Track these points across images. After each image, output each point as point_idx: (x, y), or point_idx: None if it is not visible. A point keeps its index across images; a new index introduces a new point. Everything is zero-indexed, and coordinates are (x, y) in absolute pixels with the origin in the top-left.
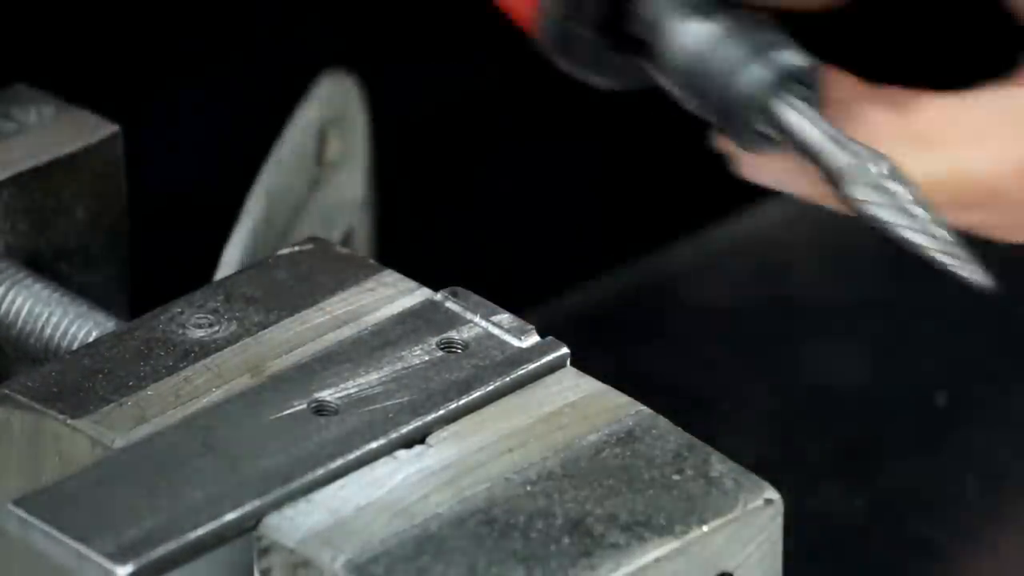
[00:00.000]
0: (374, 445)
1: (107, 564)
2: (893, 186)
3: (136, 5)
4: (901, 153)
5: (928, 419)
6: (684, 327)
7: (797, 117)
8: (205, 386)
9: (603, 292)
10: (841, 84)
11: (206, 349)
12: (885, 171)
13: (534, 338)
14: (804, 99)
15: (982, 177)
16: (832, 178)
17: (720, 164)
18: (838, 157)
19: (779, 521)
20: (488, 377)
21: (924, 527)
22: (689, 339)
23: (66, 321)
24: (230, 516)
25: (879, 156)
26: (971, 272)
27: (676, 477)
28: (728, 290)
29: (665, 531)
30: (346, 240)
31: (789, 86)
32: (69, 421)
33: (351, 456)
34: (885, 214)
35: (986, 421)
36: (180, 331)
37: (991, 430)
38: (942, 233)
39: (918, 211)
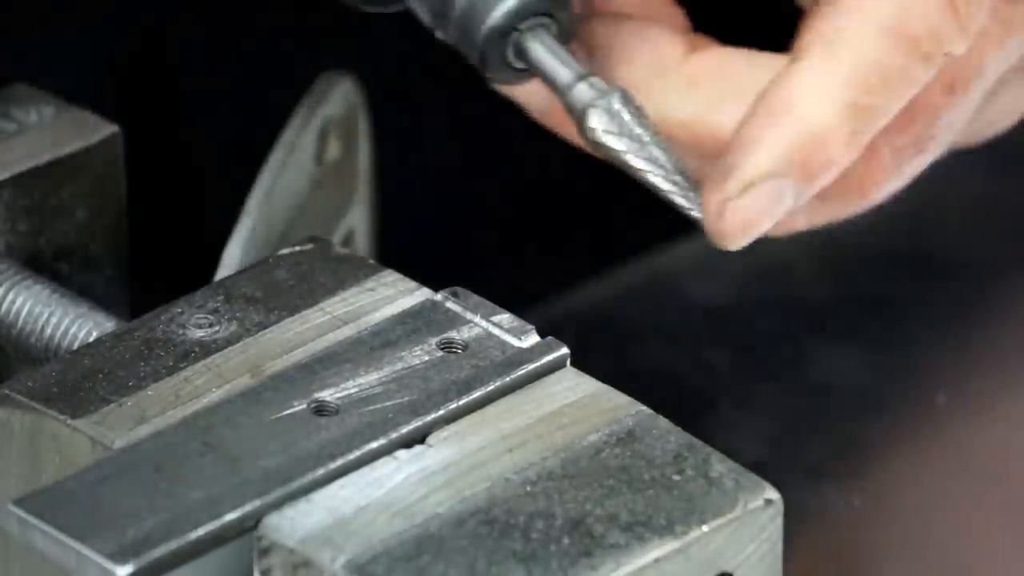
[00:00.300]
0: (374, 445)
1: (107, 564)
2: (624, 114)
3: (137, 5)
4: (660, 85)
5: (928, 419)
6: (684, 327)
7: (541, 49)
8: (205, 386)
9: (603, 292)
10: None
11: (206, 349)
12: (617, 100)
13: (534, 338)
14: (549, 31)
15: (723, 131)
16: (573, 113)
17: None
18: (579, 91)
19: (779, 521)
20: (488, 377)
21: (924, 526)
22: (689, 339)
23: (66, 321)
24: (230, 516)
25: (614, 87)
26: (692, 203)
27: (676, 477)
28: (728, 290)
29: (665, 531)
30: (346, 240)
31: (533, 17)
32: (69, 421)
33: (351, 456)
34: (616, 143)
35: (986, 421)
36: (180, 331)
37: (991, 430)
38: (667, 162)
39: (646, 138)
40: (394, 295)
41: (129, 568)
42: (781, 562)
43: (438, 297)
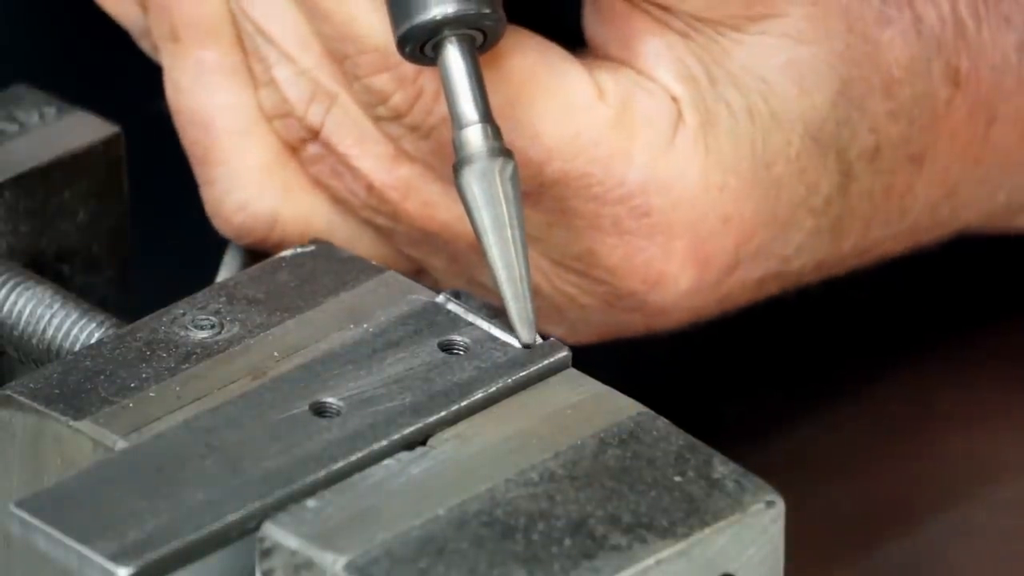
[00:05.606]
0: (376, 447)
1: (109, 565)
2: (500, 186)
3: None
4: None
5: (928, 419)
6: (684, 327)
7: (457, 63)
8: (207, 387)
9: None
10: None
11: (208, 350)
12: (500, 167)
13: (535, 339)
14: (475, 43)
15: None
16: (456, 149)
17: None
18: (470, 134)
19: (780, 523)
20: (490, 379)
21: (925, 527)
22: (689, 339)
23: (68, 322)
24: (232, 517)
25: (507, 152)
26: (521, 328)
27: (678, 478)
28: None
29: (667, 533)
30: None
31: (462, 27)
32: (71, 422)
33: (353, 458)
34: (478, 212)
35: (986, 421)
36: (182, 332)
37: (991, 430)
38: (517, 255)
39: (510, 220)
40: (395, 296)
41: (130, 569)
42: (782, 563)
43: (439, 298)
